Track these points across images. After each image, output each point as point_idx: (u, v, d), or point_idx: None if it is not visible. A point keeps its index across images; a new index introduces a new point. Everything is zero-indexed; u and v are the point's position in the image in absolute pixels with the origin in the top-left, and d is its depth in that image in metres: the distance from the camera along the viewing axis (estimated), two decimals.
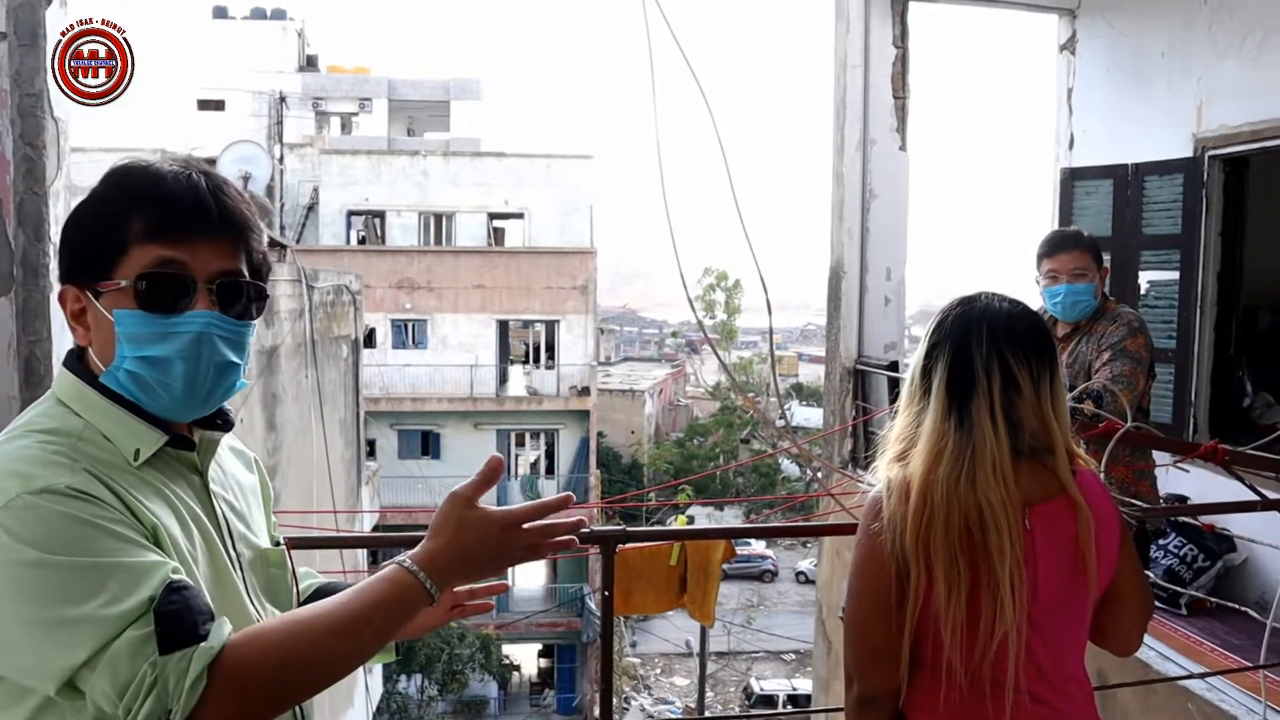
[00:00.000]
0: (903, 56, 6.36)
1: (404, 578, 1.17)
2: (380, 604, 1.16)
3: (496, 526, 1.21)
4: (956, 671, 1.66)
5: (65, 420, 1.19)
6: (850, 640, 1.76)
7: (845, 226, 6.43)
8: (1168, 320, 5.77)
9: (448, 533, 1.21)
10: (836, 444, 6.63)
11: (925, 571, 1.64)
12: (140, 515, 1.14)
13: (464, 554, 1.21)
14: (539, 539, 1.25)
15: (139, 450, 1.20)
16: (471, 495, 1.22)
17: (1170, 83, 5.90)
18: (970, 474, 1.65)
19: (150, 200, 1.21)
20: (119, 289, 1.21)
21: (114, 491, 1.12)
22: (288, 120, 25.00)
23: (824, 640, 6.93)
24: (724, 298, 39.43)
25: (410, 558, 1.19)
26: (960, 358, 1.71)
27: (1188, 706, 3.49)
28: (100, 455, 1.17)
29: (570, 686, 25.08)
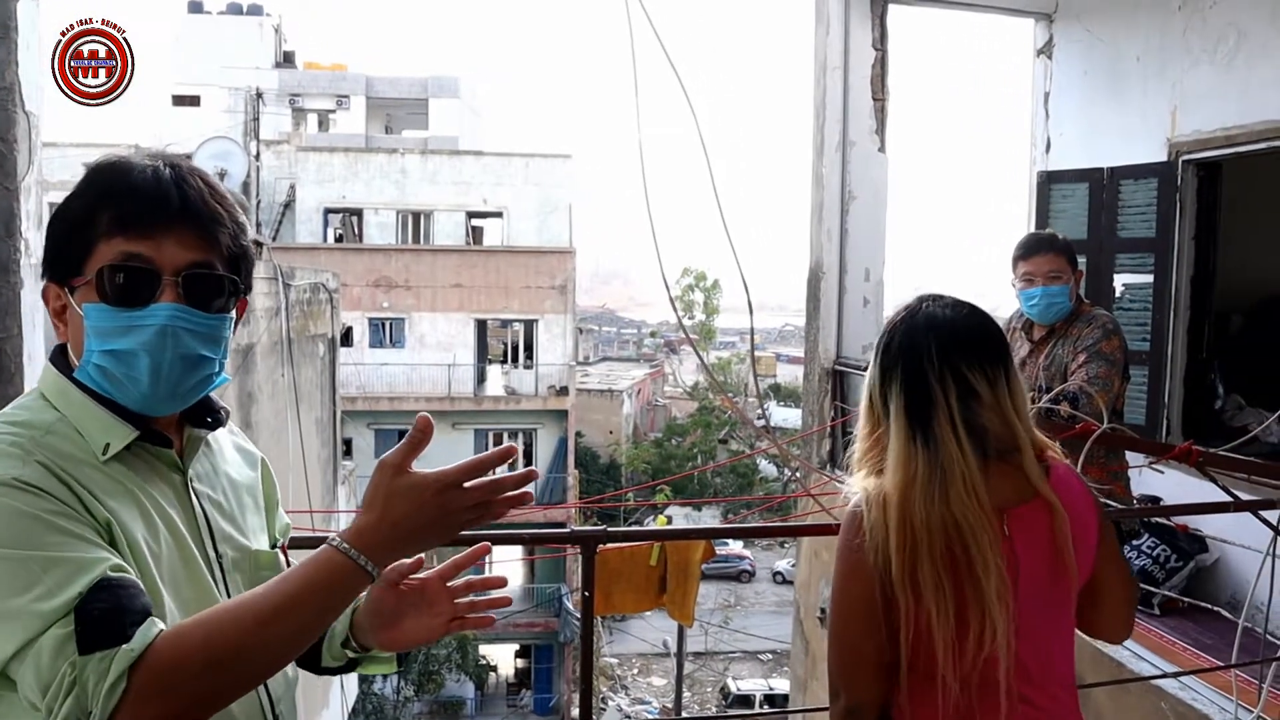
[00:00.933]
0: (882, 59, 6.39)
1: (335, 557, 1.11)
2: (312, 587, 1.10)
3: (430, 491, 1.13)
4: (950, 685, 1.65)
5: (40, 413, 1.19)
6: (836, 652, 1.75)
7: (824, 227, 6.45)
8: (1141, 323, 5.82)
9: (378, 505, 1.13)
10: (815, 444, 6.65)
11: (914, 601, 1.64)
12: (94, 510, 1.12)
13: (398, 525, 1.13)
14: (485, 496, 1.16)
15: (108, 445, 1.19)
16: (400, 461, 1.14)
17: (1145, 88, 5.96)
18: (943, 493, 1.64)
19: (115, 194, 1.21)
20: (87, 283, 1.21)
21: (68, 485, 1.11)
22: (264, 117, 24.80)
23: (802, 640, 6.95)
24: (703, 298, 39.47)
25: (341, 535, 1.13)
26: (915, 380, 1.70)
27: (1160, 706, 3.52)
28: (64, 449, 1.15)
29: (547, 687, 25.06)
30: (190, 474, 1.30)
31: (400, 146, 27.37)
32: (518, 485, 1.18)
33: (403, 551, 1.17)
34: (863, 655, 1.71)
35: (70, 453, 1.16)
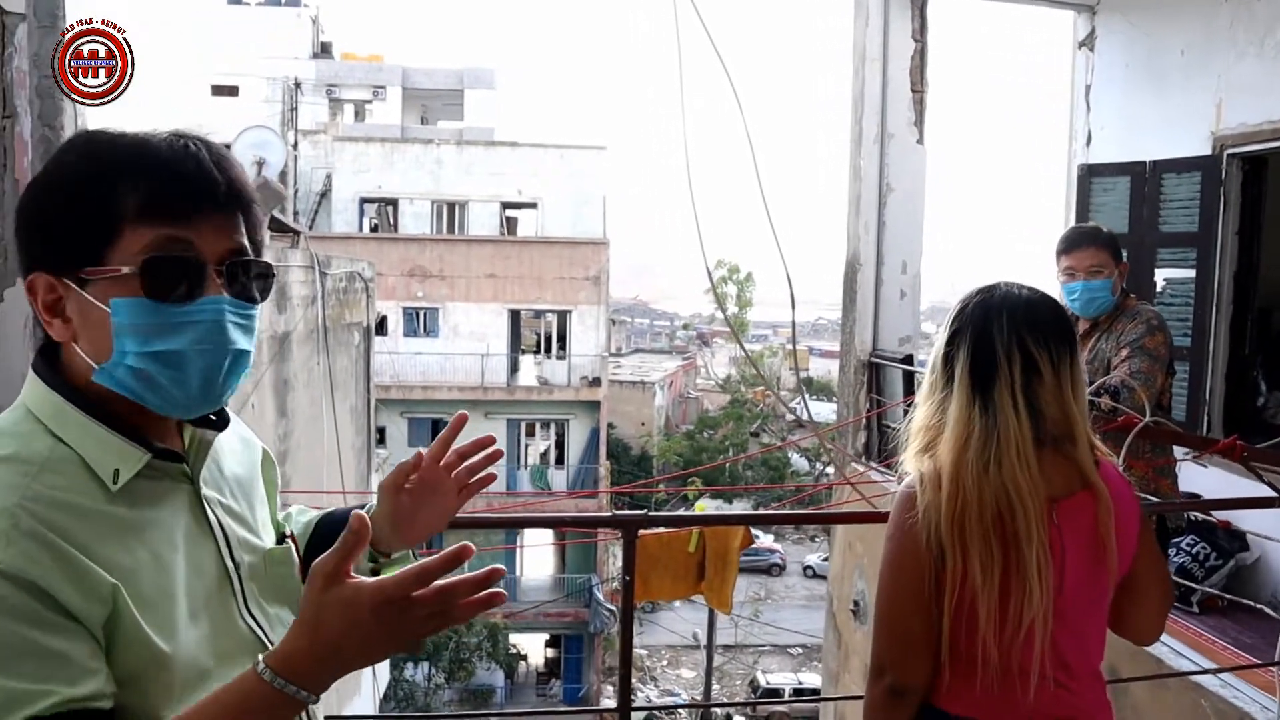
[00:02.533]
0: (922, 50, 6.35)
1: (259, 689, 0.97)
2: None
3: (366, 609, 0.95)
4: (991, 659, 1.67)
5: (31, 442, 1.05)
6: (884, 632, 1.76)
7: (862, 220, 6.43)
8: (1183, 318, 5.76)
9: (308, 623, 0.97)
10: (851, 436, 6.64)
11: (961, 557, 1.66)
12: (91, 584, 0.99)
13: (331, 647, 0.97)
14: (438, 607, 0.96)
15: (118, 471, 1.07)
16: (332, 570, 0.97)
17: (1189, 80, 5.88)
18: (997, 459, 1.67)
19: (144, 172, 1.07)
20: (117, 276, 1.06)
21: (62, 558, 0.98)
22: (302, 107, 25.02)
23: (835, 633, 6.94)
24: (736, 291, 39.36)
25: (266, 660, 0.98)
26: (982, 343, 1.73)
27: (1200, 703, 3.49)
28: (62, 492, 1.02)
29: (577, 676, 25.17)
30: (201, 482, 1.18)
31: (436, 137, 27.49)
32: (478, 587, 0.97)
33: (343, 671, 1.00)
34: (911, 634, 1.72)
35: (67, 499, 1.02)
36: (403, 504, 1.41)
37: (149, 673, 1.04)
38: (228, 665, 1.10)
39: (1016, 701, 1.70)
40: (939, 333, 1.82)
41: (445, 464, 1.42)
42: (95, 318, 1.06)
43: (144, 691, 1.03)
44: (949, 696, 1.74)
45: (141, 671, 1.03)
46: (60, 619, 0.97)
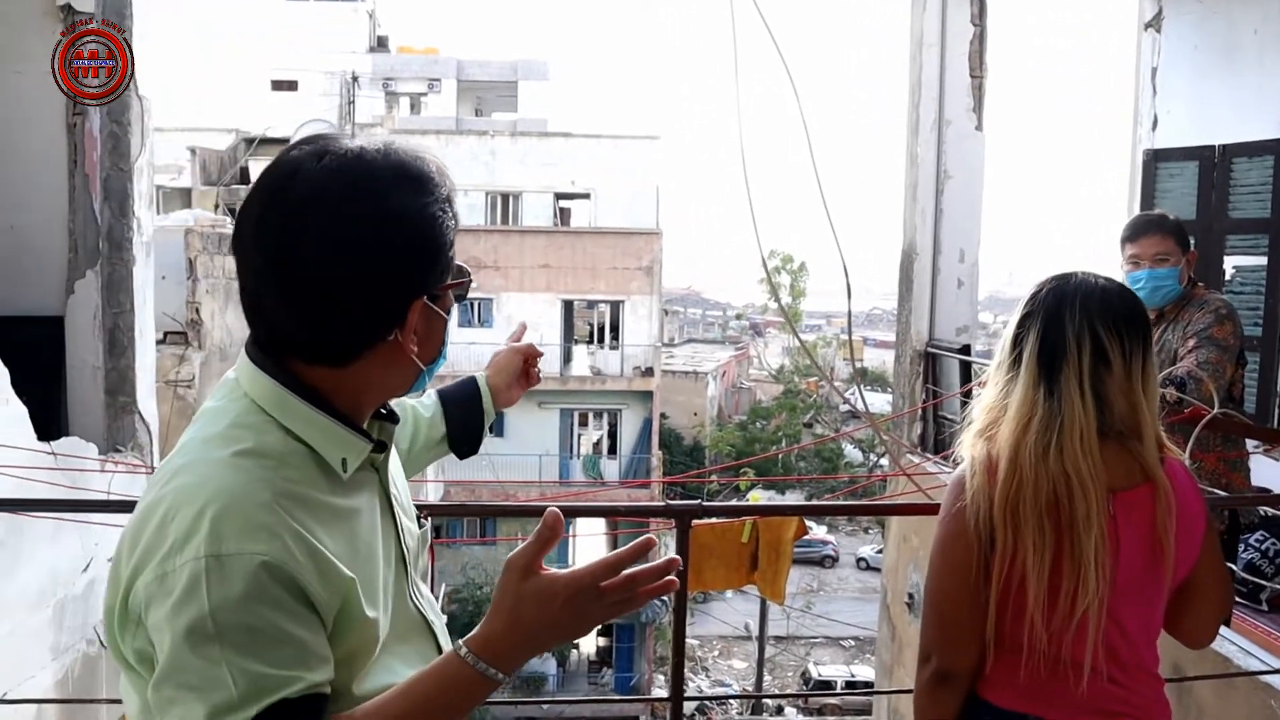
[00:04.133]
0: (980, 34, 6.24)
1: (462, 670, 1.08)
2: (443, 703, 1.09)
3: (561, 597, 1.07)
4: (1039, 644, 1.65)
5: (265, 435, 1.12)
6: (932, 617, 1.75)
7: (919, 208, 6.34)
8: (1254, 307, 5.60)
9: (505, 611, 1.08)
10: (906, 427, 6.57)
11: (1012, 538, 1.64)
12: (335, 578, 1.08)
13: (527, 632, 1.08)
14: (622, 595, 1.08)
15: (345, 461, 1.15)
16: (528, 564, 1.08)
17: (1262, 61, 5.71)
18: (1058, 445, 1.64)
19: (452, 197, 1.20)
20: (449, 290, 1.22)
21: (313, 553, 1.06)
22: (359, 100, 25.35)
23: (889, 625, 6.88)
24: (789, 280, 39.13)
25: (466, 644, 1.09)
26: (1052, 328, 1.70)
27: (1270, 704, 3.40)
28: (298, 488, 1.10)
29: (628, 666, 25.27)
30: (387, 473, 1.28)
31: (490, 128, 27.65)
32: (658, 576, 1.09)
33: (532, 655, 1.12)
34: (957, 620, 1.71)
35: (304, 492, 1.10)
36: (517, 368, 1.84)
37: (361, 652, 1.14)
38: (403, 644, 1.22)
39: (1064, 693, 1.67)
40: (1013, 313, 1.81)
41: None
42: (438, 325, 1.21)
43: (352, 668, 1.13)
44: (995, 687, 1.72)
45: (356, 652, 1.13)
46: (306, 610, 1.05)
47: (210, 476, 1.06)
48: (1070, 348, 1.68)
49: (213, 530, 1.02)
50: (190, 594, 1.00)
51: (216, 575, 1.00)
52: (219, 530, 1.02)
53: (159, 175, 6.72)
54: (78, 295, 5.48)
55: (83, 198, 5.48)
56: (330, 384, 1.15)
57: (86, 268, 5.49)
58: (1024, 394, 1.70)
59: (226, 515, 1.03)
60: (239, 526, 1.02)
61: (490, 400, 1.78)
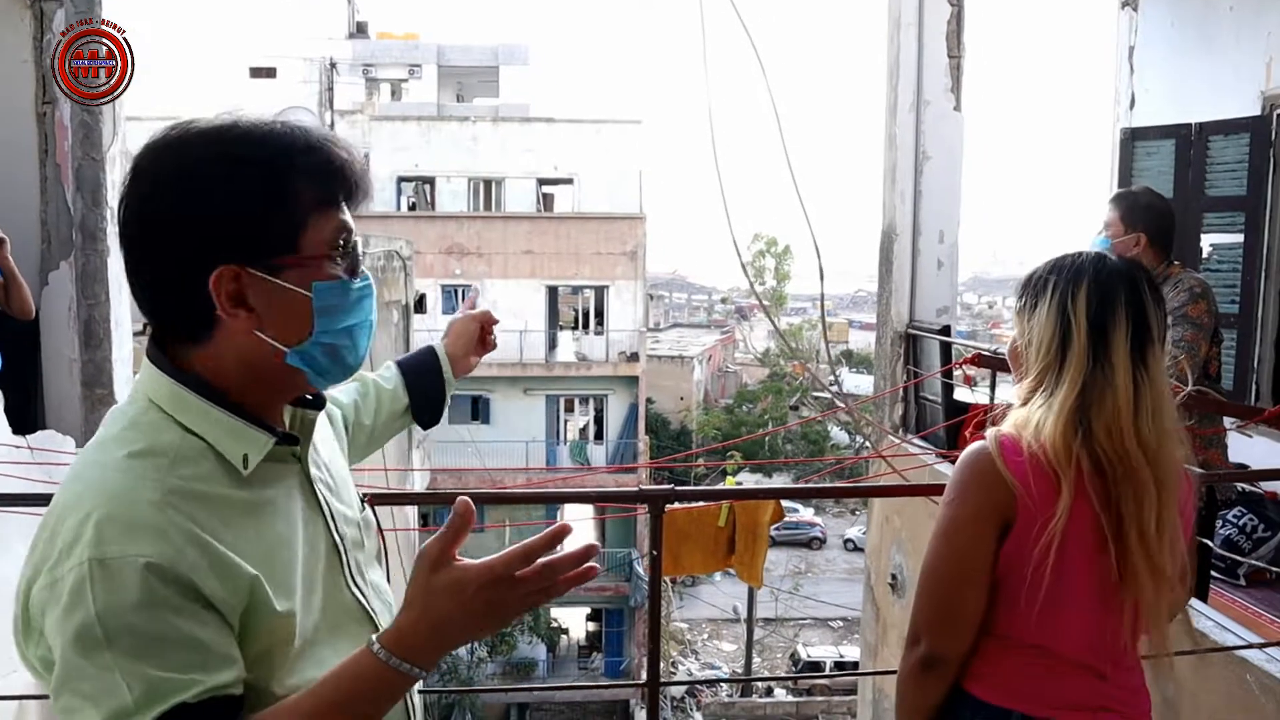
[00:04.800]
0: (958, 14, 6.21)
1: (374, 666, 1.05)
2: (355, 697, 1.05)
3: (473, 587, 1.03)
4: (1032, 636, 1.64)
5: (159, 434, 1.10)
6: (928, 600, 1.71)
7: (897, 189, 6.33)
8: (1231, 285, 5.62)
9: (418, 605, 1.05)
10: (887, 408, 6.58)
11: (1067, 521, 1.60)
12: (235, 576, 1.05)
13: (440, 626, 1.05)
14: (539, 584, 1.05)
15: (247, 456, 1.13)
16: (439, 554, 1.04)
17: (1238, 38, 5.71)
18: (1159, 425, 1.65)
19: (318, 165, 1.14)
20: (311, 261, 1.13)
21: (205, 552, 1.04)
22: (338, 87, 25.18)
23: (873, 606, 6.91)
24: (774, 264, 39.16)
25: (379, 639, 1.06)
26: (1103, 304, 1.67)
27: (1245, 678, 3.43)
28: (195, 485, 1.07)
29: (618, 650, 25.34)
30: (308, 461, 1.24)
31: (472, 114, 27.50)
32: (577, 563, 1.06)
33: (449, 648, 1.10)
34: (958, 605, 1.67)
35: (202, 489, 1.08)
36: (474, 337, 1.80)
37: (278, 649, 1.10)
38: (336, 635, 1.19)
39: (1052, 688, 1.66)
40: (1049, 292, 1.72)
41: None
42: (288, 303, 1.12)
43: (270, 666, 1.10)
44: (979, 680, 1.70)
45: (271, 648, 1.10)
46: (203, 610, 1.03)
47: (99, 480, 1.05)
48: (1121, 324, 1.65)
49: (96, 534, 1.00)
50: (76, 600, 0.99)
51: (101, 579, 0.99)
52: (102, 534, 1.00)
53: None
54: (52, 287, 5.42)
55: (55, 188, 5.42)
56: (214, 373, 1.13)
57: (60, 259, 5.43)
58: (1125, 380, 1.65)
59: (110, 519, 1.01)
60: (122, 529, 1.01)
61: (450, 369, 1.77)
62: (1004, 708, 1.66)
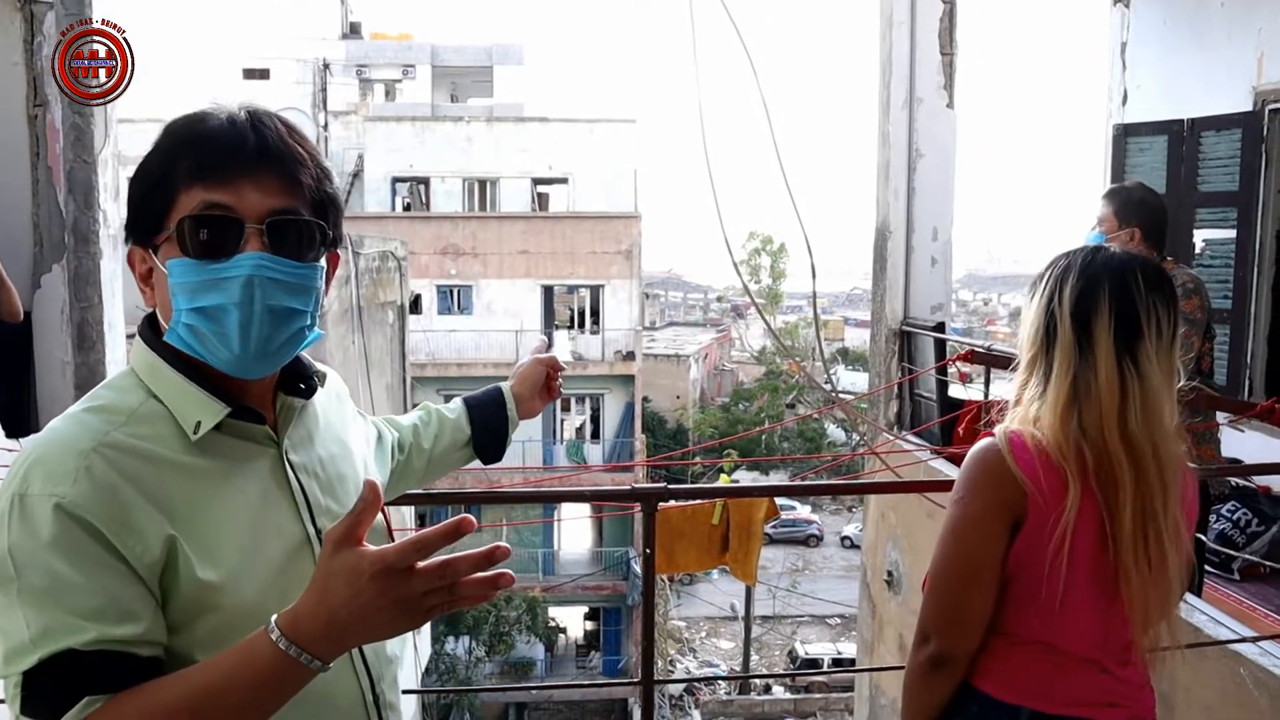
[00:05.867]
0: (950, 12, 6.22)
1: (267, 648, 0.98)
2: (244, 682, 0.99)
3: (366, 575, 0.95)
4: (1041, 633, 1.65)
5: (126, 395, 1.14)
6: (938, 599, 1.70)
7: (891, 187, 6.33)
8: (1223, 280, 5.63)
9: (315, 587, 0.98)
10: (882, 405, 6.58)
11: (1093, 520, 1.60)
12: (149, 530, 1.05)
13: (336, 613, 0.97)
14: (439, 581, 0.97)
15: (199, 423, 1.13)
16: (342, 535, 0.98)
17: (1229, 34, 5.72)
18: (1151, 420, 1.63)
19: (191, 143, 1.13)
20: (168, 239, 1.13)
21: (122, 504, 1.04)
22: (332, 88, 25.15)
23: (869, 604, 6.92)
24: (769, 262, 39.16)
25: (276, 619, 0.99)
26: (1125, 301, 1.65)
27: (1239, 671, 3.43)
28: (143, 441, 1.09)
29: (616, 649, 25.34)
30: (285, 446, 1.22)
31: (466, 114, 27.49)
32: (476, 565, 0.97)
33: (351, 641, 1.01)
34: (969, 604, 1.66)
35: (146, 448, 1.09)
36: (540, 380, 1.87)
37: (201, 619, 1.08)
38: None
39: (1060, 684, 1.66)
40: (1041, 286, 1.72)
41: None
42: (163, 281, 1.15)
43: (193, 636, 1.08)
44: (988, 676, 1.70)
45: (195, 618, 1.08)
46: (111, 559, 1.03)
47: (50, 430, 1.10)
48: (1144, 321, 1.64)
49: (25, 473, 1.05)
50: None
51: (17, 515, 1.02)
52: (29, 473, 1.04)
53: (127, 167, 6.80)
54: (44, 290, 5.41)
55: (46, 191, 5.40)
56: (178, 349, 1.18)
57: (52, 262, 5.42)
58: (1109, 372, 1.63)
59: (39, 460, 1.05)
60: (47, 470, 1.04)
61: (514, 408, 1.82)
62: (1012, 704, 1.66)
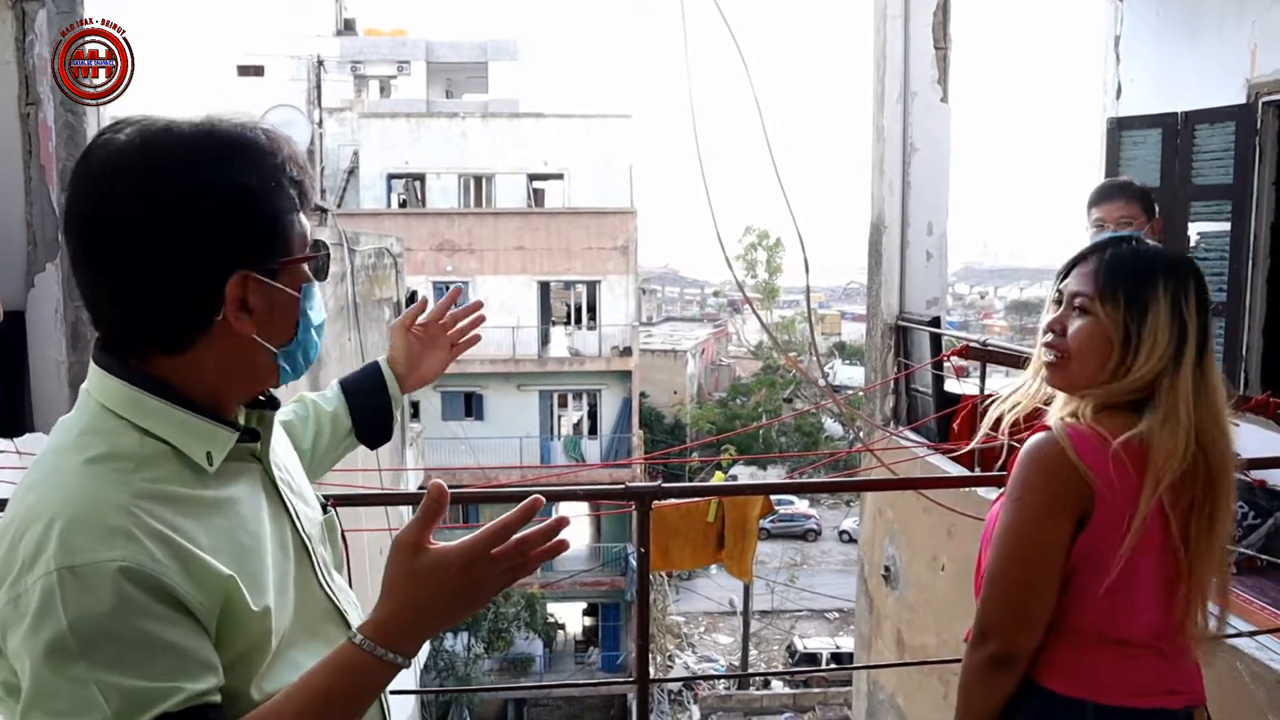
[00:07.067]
0: (944, 5, 6.22)
1: (359, 659, 1.03)
2: (343, 692, 1.04)
3: (455, 569, 1.04)
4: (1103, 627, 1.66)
5: (117, 438, 1.06)
6: (1000, 597, 1.68)
7: (886, 181, 6.33)
8: (1218, 273, 5.63)
9: (399, 592, 1.04)
10: (878, 401, 6.58)
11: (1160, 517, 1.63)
12: (209, 578, 1.02)
13: (423, 610, 1.05)
14: (515, 560, 1.06)
15: (210, 454, 1.09)
16: (417, 539, 1.04)
17: (1223, 27, 5.72)
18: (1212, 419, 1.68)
19: (296, 168, 1.14)
20: (295, 263, 1.14)
21: (180, 553, 1.00)
22: (326, 84, 25.07)
23: (866, 598, 6.92)
24: (765, 257, 39.16)
25: (361, 630, 1.04)
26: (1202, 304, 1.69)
27: (1235, 665, 3.44)
28: (161, 487, 1.04)
29: (615, 644, 25.37)
30: (269, 459, 1.22)
31: (461, 110, 27.43)
32: (547, 537, 1.07)
33: (430, 634, 1.09)
34: (1034, 602, 1.66)
35: (167, 490, 1.04)
36: (412, 346, 1.70)
37: (255, 652, 1.08)
38: (313, 638, 1.17)
39: (1124, 675, 1.67)
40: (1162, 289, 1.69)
41: (442, 324, 1.73)
42: (282, 304, 1.13)
43: (248, 669, 1.07)
44: (1052, 672, 1.69)
45: (248, 651, 1.07)
46: (179, 615, 0.99)
47: (59, 487, 1.00)
48: (1212, 330, 1.69)
49: (62, 541, 0.95)
50: (45, 612, 0.94)
51: (72, 588, 0.94)
52: (69, 541, 0.96)
53: None
54: (38, 289, 5.40)
55: (39, 189, 5.39)
56: (180, 376, 1.10)
57: (46, 261, 5.41)
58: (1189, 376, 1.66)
59: (77, 524, 0.97)
60: (92, 534, 0.96)
61: (395, 384, 1.69)
62: (1078, 699, 1.66)
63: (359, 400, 1.66)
